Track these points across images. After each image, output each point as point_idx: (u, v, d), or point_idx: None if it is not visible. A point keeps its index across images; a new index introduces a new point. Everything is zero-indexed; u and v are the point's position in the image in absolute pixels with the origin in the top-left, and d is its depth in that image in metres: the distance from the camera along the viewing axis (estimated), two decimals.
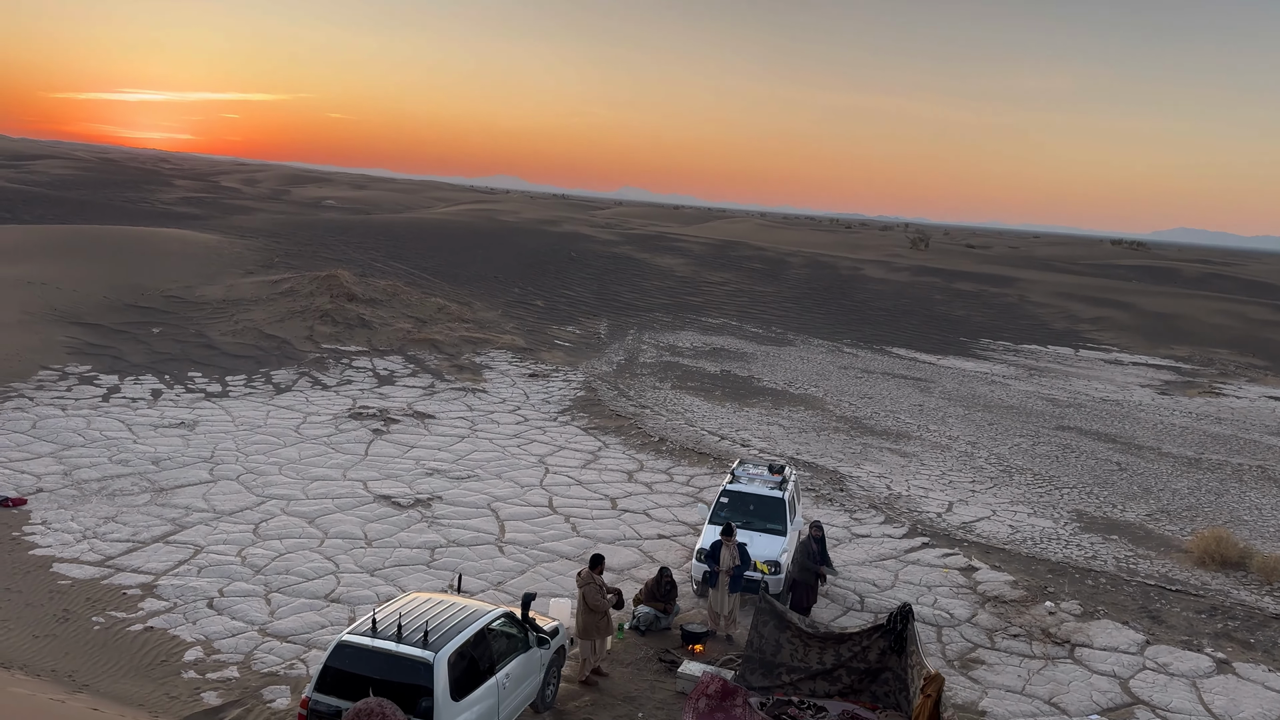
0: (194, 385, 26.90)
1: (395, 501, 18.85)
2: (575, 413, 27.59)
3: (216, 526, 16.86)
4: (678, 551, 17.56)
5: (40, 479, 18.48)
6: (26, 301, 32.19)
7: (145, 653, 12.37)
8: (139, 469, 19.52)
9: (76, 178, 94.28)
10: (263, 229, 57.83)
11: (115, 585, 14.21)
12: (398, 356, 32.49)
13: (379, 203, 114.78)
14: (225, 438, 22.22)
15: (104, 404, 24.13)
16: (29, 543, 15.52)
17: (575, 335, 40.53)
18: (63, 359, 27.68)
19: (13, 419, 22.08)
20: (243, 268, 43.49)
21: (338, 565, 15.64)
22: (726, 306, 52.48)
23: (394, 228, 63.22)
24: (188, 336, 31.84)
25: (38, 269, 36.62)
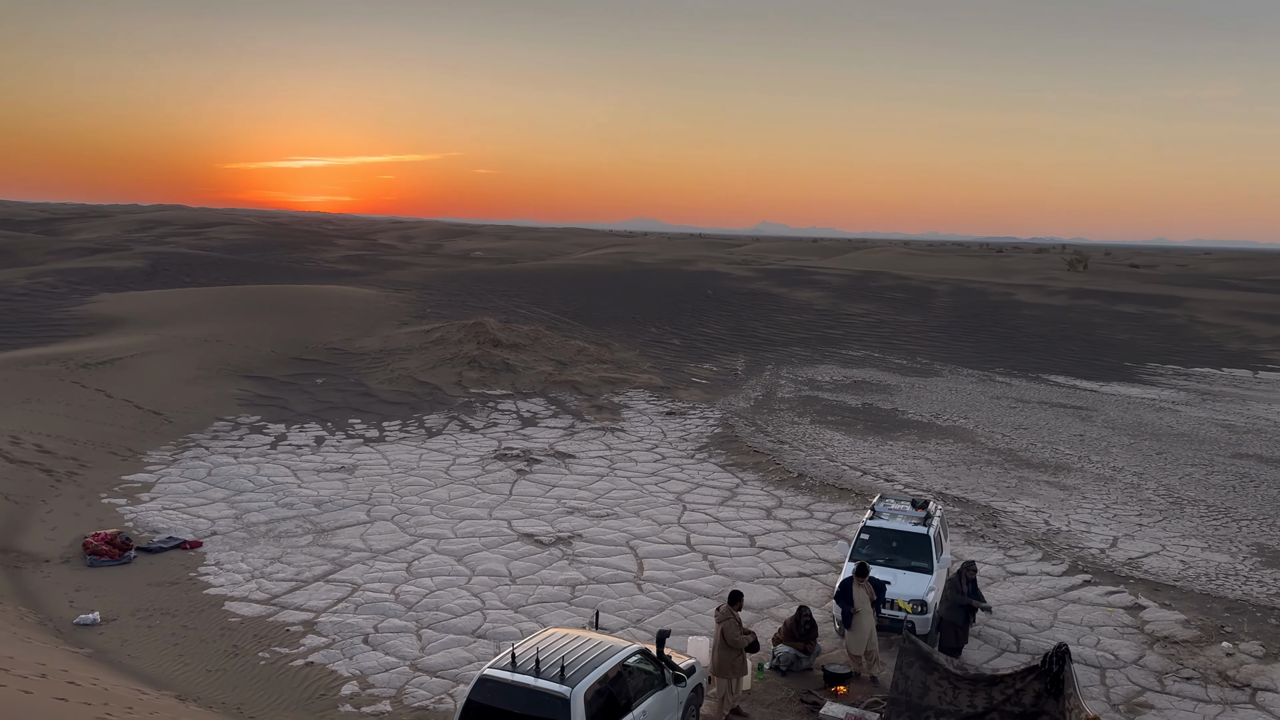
0: (354, 431, 28.42)
1: (538, 539, 19.28)
2: (712, 449, 27.54)
3: (373, 565, 17.68)
4: (818, 590, 17.18)
5: (214, 523, 19.90)
6: (204, 358, 34.94)
7: (306, 686, 13.06)
8: (303, 511, 20.74)
9: (249, 242, 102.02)
10: (416, 282, 60.87)
11: (280, 622, 15.10)
12: (540, 399, 33.38)
13: (523, 251, 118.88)
14: (381, 480, 23.34)
15: (272, 451, 25.81)
16: (204, 582, 16.71)
17: (712, 372, 40.57)
18: (235, 410, 29.85)
19: (191, 467, 23.91)
20: (398, 319, 45.84)
21: (484, 602, 16.10)
22: (868, 338, 51.38)
23: (536, 275, 65.30)
24: (348, 385, 33.74)
25: (214, 328, 39.73)
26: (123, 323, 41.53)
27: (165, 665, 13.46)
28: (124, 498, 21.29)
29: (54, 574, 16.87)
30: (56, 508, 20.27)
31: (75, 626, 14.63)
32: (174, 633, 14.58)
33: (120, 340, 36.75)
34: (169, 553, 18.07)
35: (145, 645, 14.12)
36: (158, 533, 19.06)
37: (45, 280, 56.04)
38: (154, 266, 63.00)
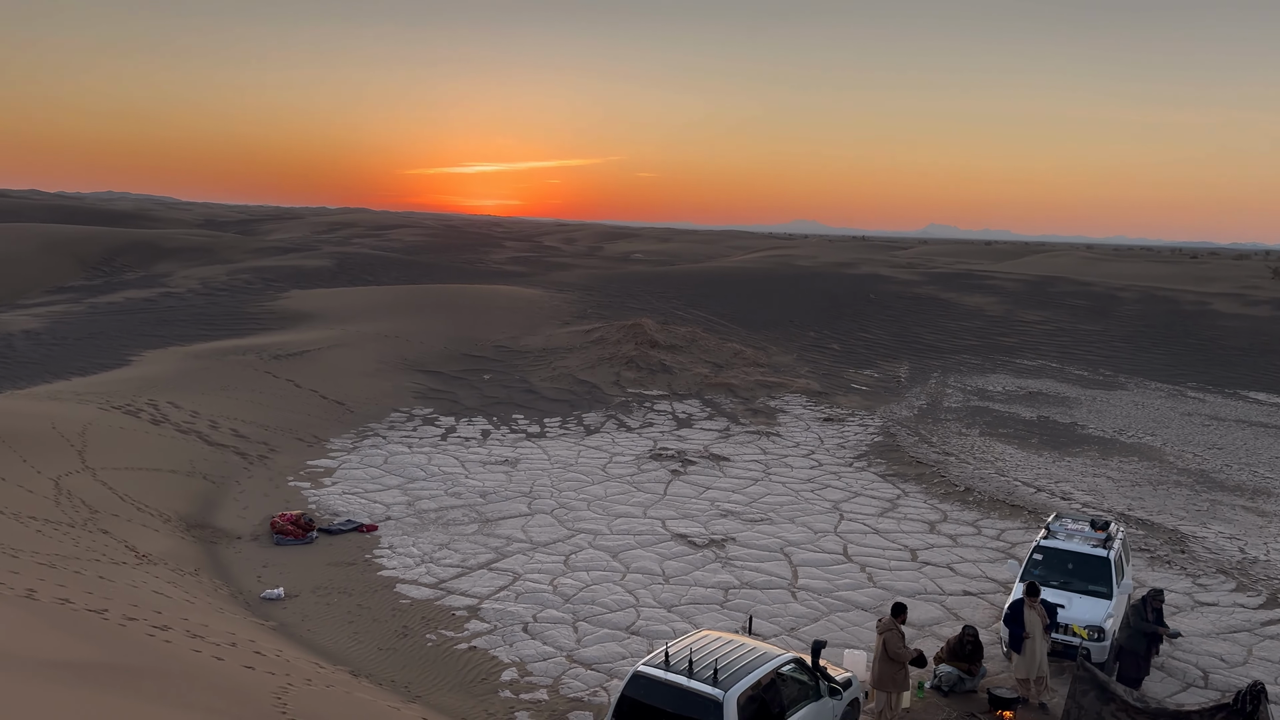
0: (517, 426, 29.37)
1: (691, 541, 19.31)
2: (872, 458, 26.80)
3: (533, 556, 18.20)
4: (985, 610, 16.40)
5: (389, 508, 21.01)
6: (383, 353, 36.95)
7: (468, 670, 13.57)
8: (469, 501, 21.59)
9: (424, 243, 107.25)
10: (578, 283, 62.30)
11: (446, 606, 15.76)
12: (695, 400, 33.45)
13: (681, 254, 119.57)
14: (542, 475, 24.00)
15: (442, 442, 27.01)
16: (378, 564, 17.66)
17: (873, 379, 39.49)
18: (410, 403, 31.42)
19: (369, 455, 25.33)
20: (560, 319, 47.05)
21: (638, 599, 16.27)
22: (1044, 347, 48.70)
23: (694, 277, 65.51)
24: (513, 382, 34.90)
25: (392, 324, 41.96)
26: (311, 318, 44.51)
27: (341, 641, 14.30)
28: (308, 481, 22.80)
29: (244, 550, 18.25)
30: (248, 488, 21.94)
31: (262, 600, 15.76)
32: (350, 611, 15.48)
33: (308, 334, 39.41)
34: (347, 535, 19.22)
35: (323, 621, 15.05)
36: (337, 515, 20.31)
37: (243, 277, 60.82)
38: (339, 266, 67.23)
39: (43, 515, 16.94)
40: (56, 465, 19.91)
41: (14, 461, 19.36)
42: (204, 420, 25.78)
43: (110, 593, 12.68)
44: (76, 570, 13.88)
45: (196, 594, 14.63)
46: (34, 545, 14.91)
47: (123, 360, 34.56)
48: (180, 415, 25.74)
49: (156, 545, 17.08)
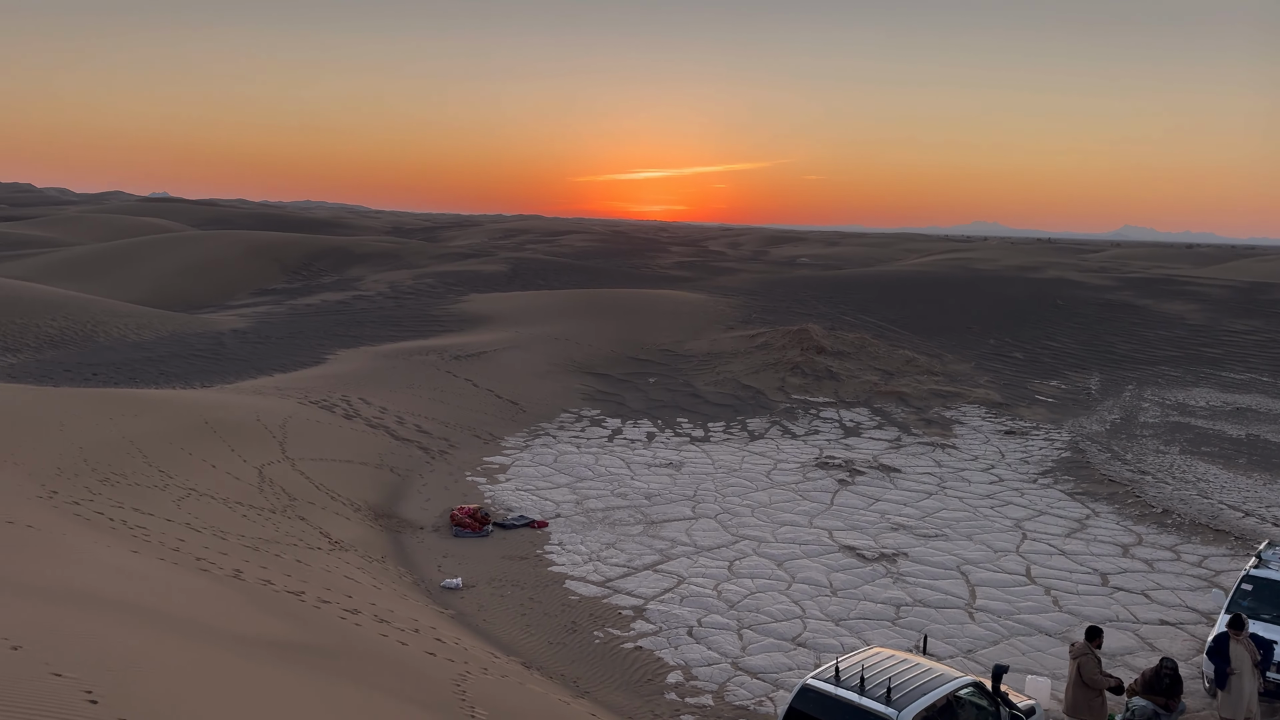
0: (681, 430, 29.53)
1: (860, 553, 18.80)
2: (1058, 475, 25.27)
3: (697, 560, 18.22)
4: (1184, 641, 15.12)
5: (558, 506, 21.57)
6: (554, 355, 38.04)
7: (634, 669, 13.72)
8: (634, 503, 21.87)
9: (594, 249, 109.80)
10: (743, 287, 62.06)
11: (613, 605, 16.01)
12: (864, 408, 32.59)
13: (849, 258, 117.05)
14: (706, 479, 24.01)
15: (609, 444, 27.50)
16: (548, 560, 18.15)
17: (1059, 390, 37.26)
18: (578, 404, 32.18)
19: (540, 454, 26.11)
20: (724, 323, 46.99)
21: (804, 610, 15.98)
22: (1255, 359, 44.53)
23: (863, 281, 63.92)
24: (677, 386, 35.13)
25: (563, 327, 43.14)
26: (488, 320, 46.40)
27: (514, 633, 14.78)
28: (484, 477, 23.73)
29: (426, 540, 19.17)
30: (430, 481, 23.06)
31: (441, 589, 16.51)
32: (522, 604, 15.98)
33: (485, 336, 41.09)
34: (520, 530, 19.87)
35: (498, 612, 15.61)
36: (511, 511, 21.03)
37: (427, 281, 64.12)
38: (514, 271, 69.79)
39: (248, 501, 18.39)
40: (260, 455, 21.59)
41: (224, 450, 21.13)
42: (391, 416, 27.31)
43: (307, 576, 13.60)
44: (277, 554, 14.98)
45: (383, 580, 15.49)
46: (240, 529, 16.21)
47: (319, 358, 37.11)
48: (370, 411, 27.37)
49: (348, 532, 18.21)
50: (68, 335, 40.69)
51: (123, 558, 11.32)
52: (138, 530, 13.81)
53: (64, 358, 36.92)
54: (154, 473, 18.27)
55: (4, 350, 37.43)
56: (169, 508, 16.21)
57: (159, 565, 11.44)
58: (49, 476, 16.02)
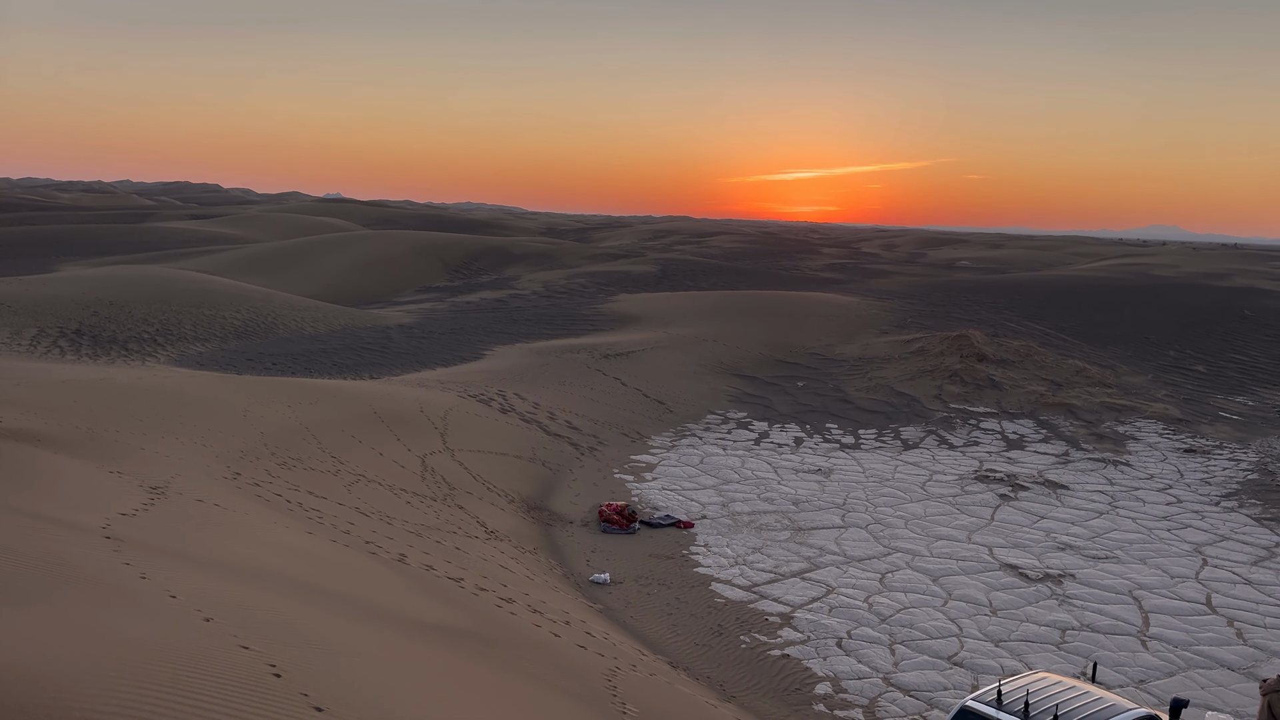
0: (830, 436, 28.96)
1: (1022, 572, 17.89)
2: (1244, 498, 23.30)
3: (846, 570, 17.80)
4: None
5: (704, 507, 21.54)
6: (701, 356, 38.06)
7: (781, 677, 13.52)
8: (781, 508, 21.59)
9: (742, 250, 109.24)
10: (898, 291, 60.33)
11: (759, 611, 15.84)
12: (1028, 420, 31.03)
13: (1014, 261, 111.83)
14: (856, 487, 23.45)
15: (755, 447, 27.27)
16: (694, 561, 18.15)
17: (1246, 407, 34.37)
18: (725, 406, 32.06)
19: (686, 454, 26.16)
20: (878, 328, 45.78)
21: (960, 628, 15.34)
22: None
23: (1029, 286, 60.93)
24: (826, 390, 34.48)
25: (710, 328, 43.10)
26: (636, 320, 46.91)
27: (660, 631, 14.85)
28: (631, 475, 23.99)
29: (575, 534, 19.54)
30: (580, 477, 23.49)
31: (590, 583, 16.77)
32: (668, 603, 16.04)
33: (634, 336, 41.55)
34: (666, 529, 19.96)
35: (644, 610, 15.72)
36: (657, 509, 21.16)
37: (579, 281, 65.46)
38: (663, 271, 70.31)
39: (411, 489, 19.24)
40: (423, 444, 22.56)
41: (390, 439, 22.19)
42: (544, 411, 28.01)
43: (465, 563, 14.09)
44: (438, 540, 15.59)
45: (535, 571, 15.88)
46: (405, 515, 16.97)
47: (477, 354, 38.48)
48: (524, 406, 28.16)
49: (502, 523, 18.78)
50: (250, 327, 43.77)
51: (299, 538, 12.04)
52: (312, 513, 14.66)
53: (247, 348, 39.73)
54: (327, 458, 19.39)
55: (194, 339, 40.63)
56: (340, 492, 17.15)
57: (332, 547, 12.11)
58: (234, 459, 17.25)
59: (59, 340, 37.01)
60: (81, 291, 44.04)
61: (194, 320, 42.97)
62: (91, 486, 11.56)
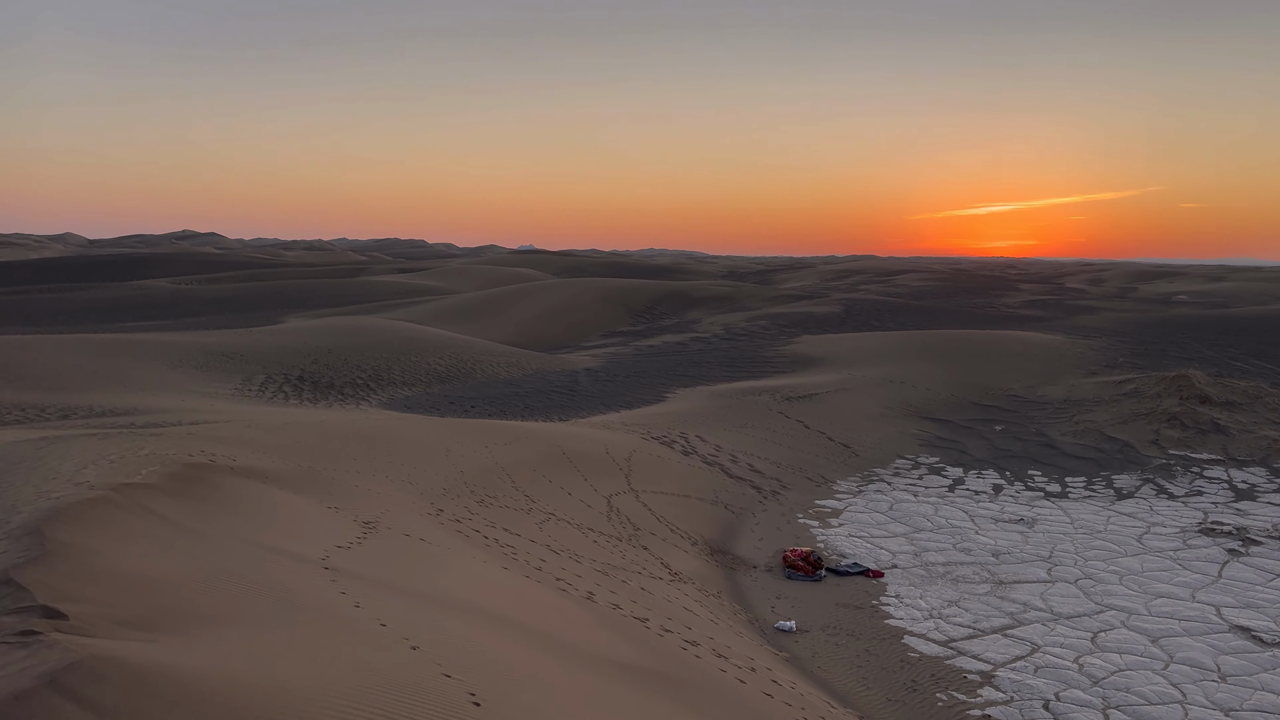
0: (1033, 483, 27.31)
1: (1256, 636, 16.12)
2: None
3: (1053, 628, 16.65)
4: None
5: (895, 556, 20.78)
6: (888, 398, 36.95)
7: None
8: (979, 559, 20.50)
9: (931, 288, 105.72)
10: (1107, 328, 56.50)
11: (956, 668, 15.05)
12: (1260, 468, 28.09)
13: (1239, 295, 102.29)
14: (1063, 539, 21.95)
15: (949, 494, 26.09)
16: (884, 612, 17.50)
17: None
18: (915, 450, 30.91)
19: (874, 500, 25.38)
20: (1085, 368, 42.97)
21: (1184, 695, 13.98)
22: None
23: (1259, 322, 55.52)
24: (1028, 435, 32.60)
25: (897, 370, 41.82)
26: (819, 362, 46.22)
27: (849, 684, 14.38)
28: (816, 520, 23.51)
29: (759, 579, 19.31)
30: (763, 521, 23.26)
31: (775, 630, 16.50)
32: (858, 655, 15.53)
33: (817, 378, 40.92)
34: (854, 578, 19.39)
35: (832, 660, 15.29)
36: (844, 557, 20.61)
37: (760, 323, 65.32)
38: (847, 312, 69.06)
39: (597, 528, 19.68)
40: (608, 485, 23.05)
41: (577, 479, 22.83)
42: (725, 454, 28.00)
43: (650, 604, 14.23)
44: (623, 580, 15.84)
45: (720, 615, 15.81)
46: (592, 553, 17.36)
47: (659, 396, 39.06)
48: (706, 448, 28.27)
49: (686, 565, 18.85)
50: (452, 372, 46.37)
51: (495, 572, 12.57)
52: (507, 549, 15.28)
53: (449, 391, 42.08)
54: (520, 496, 20.17)
55: (402, 384, 43.45)
56: (532, 529, 17.79)
57: (525, 582, 12.55)
58: (437, 496, 18.26)
59: (284, 386, 40.55)
60: (303, 341, 48.19)
61: (402, 366, 46.00)
62: (312, 521, 12.56)
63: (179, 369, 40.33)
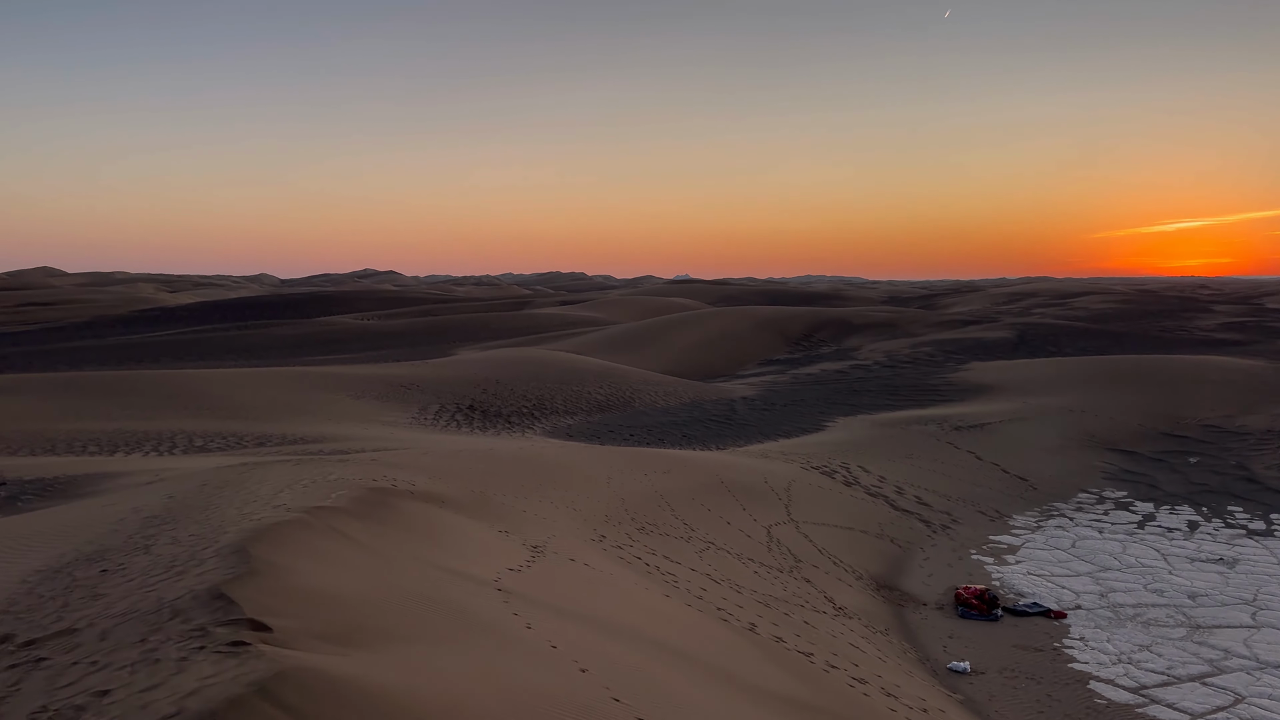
0: (1234, 520, 25.10)
1: None
2: None
3: (1259, 677, 15.19)
4: None
5: (1078, 596, 19.51)
6: (1067, 428, 34.89)
7: None
8: (1173, 601, 18.98)
9: (1114, 310, 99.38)
10: None
11: (1150, 716, 13.95)
12: None
13: None
14: (1269, 580, 20.03)
15: (1138, 531, 24.33)
16: (1068, 655, 16.45)
17: None
18: (1099, 483, 29.02)
19: (1054, 536, 23.95)
20: None
21: None
22: None
23: None
24: (1226, 468, 30.03)
25: (1077, 398, 39.46)
26: (990, 390, 44.23)
27: None
28: (991, 557, 22.41)
29: (929, 617, 18.56)
30: (932, 556, 22.38)
31: (948, 670, 15.80)
32: (1038, 700, 14.65)
33: (988, 406, 39.16)
34: (1033, 618, 18.33)
35: (1011, 705, 14.48)
36: (1022, 596, 19.53)
37: (924, 349, 63.21)
38: (1020, 337, 65.86)
39: (758, 559, 19.48)
40: (768, 515, 22.81)
41: (735, 508, 22.70)
42: (890, 485, 27.18)
43: (814, 638, 13.95)
44: (786, 613, 15.60)
45: (887, 653, 15.30)
46: (752, 584, 17.20)
47: (819, 425, 38.38)
48: (869, 479, 27.53)
49: (850, 600, 18.36)
50: (611, 401, 47.23)
51: (658, 600, 12.66)
52: (668, 576, 15.36)
53: (608, 420, 42.87)
54: (679, 525, 20.26)
55: (564, 413, 44.60)
56: (692, 558, 17.81)
57: (687, 611, 12.58)
58: (599, 522, 18.59)
59: (455, 415, 42.42)
60: (473, 372, 50.31)
61: (564, 395, 47.26)
62: (484, 544, 13.06)
63: (361, 399, 42.92)
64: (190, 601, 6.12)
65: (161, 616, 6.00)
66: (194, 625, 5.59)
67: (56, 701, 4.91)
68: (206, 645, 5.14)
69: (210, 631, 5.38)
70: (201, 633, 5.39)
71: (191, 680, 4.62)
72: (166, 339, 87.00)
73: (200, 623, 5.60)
